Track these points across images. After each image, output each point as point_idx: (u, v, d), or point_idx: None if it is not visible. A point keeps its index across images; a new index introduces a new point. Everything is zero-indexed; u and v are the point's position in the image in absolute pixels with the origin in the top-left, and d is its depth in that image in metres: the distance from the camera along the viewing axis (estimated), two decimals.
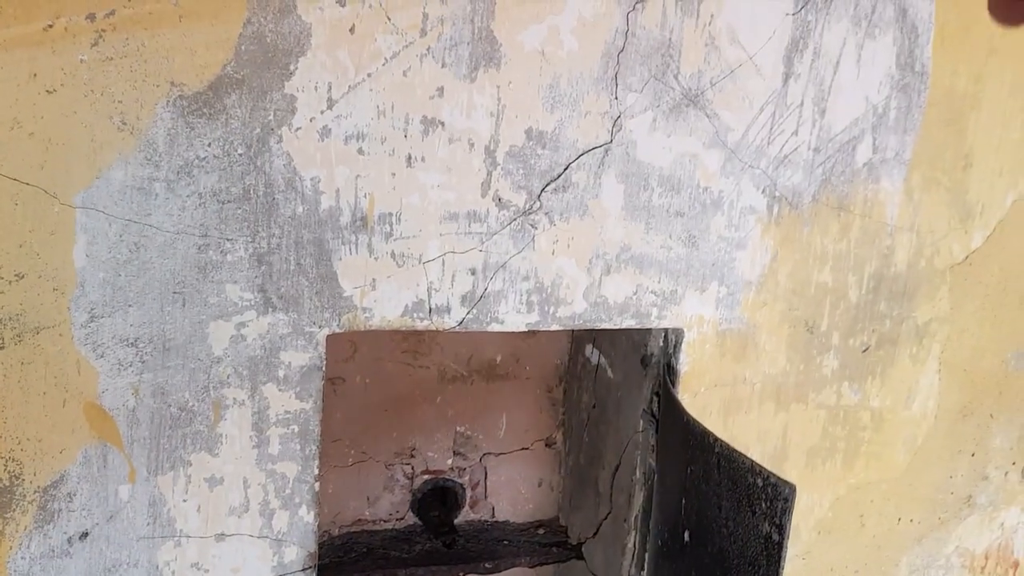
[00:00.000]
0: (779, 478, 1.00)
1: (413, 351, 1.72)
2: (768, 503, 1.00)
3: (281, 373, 1.21)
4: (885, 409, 1.57)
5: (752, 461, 1.05)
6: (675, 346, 1.44)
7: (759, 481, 1.02)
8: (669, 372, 1.44)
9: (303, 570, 1.31)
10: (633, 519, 1.58)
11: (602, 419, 1.69)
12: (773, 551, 0.99)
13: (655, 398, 1.49)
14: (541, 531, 1.86)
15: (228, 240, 1.11)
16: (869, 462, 1.59)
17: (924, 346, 1.54)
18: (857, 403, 1.54)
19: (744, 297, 1.39)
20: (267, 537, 1.27)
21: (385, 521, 1.80)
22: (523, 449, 1.86)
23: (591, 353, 1.74)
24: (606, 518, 1.68)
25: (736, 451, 1.09)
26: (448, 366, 1.75)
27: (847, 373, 1.51)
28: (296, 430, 1.27)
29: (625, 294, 1.32)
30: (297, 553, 1.30)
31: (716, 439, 1.14)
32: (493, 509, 1.86)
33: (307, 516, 1.30)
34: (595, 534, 1.73)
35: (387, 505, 1.78)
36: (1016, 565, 1.89)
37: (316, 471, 1.32)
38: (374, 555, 1.73)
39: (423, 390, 1.75)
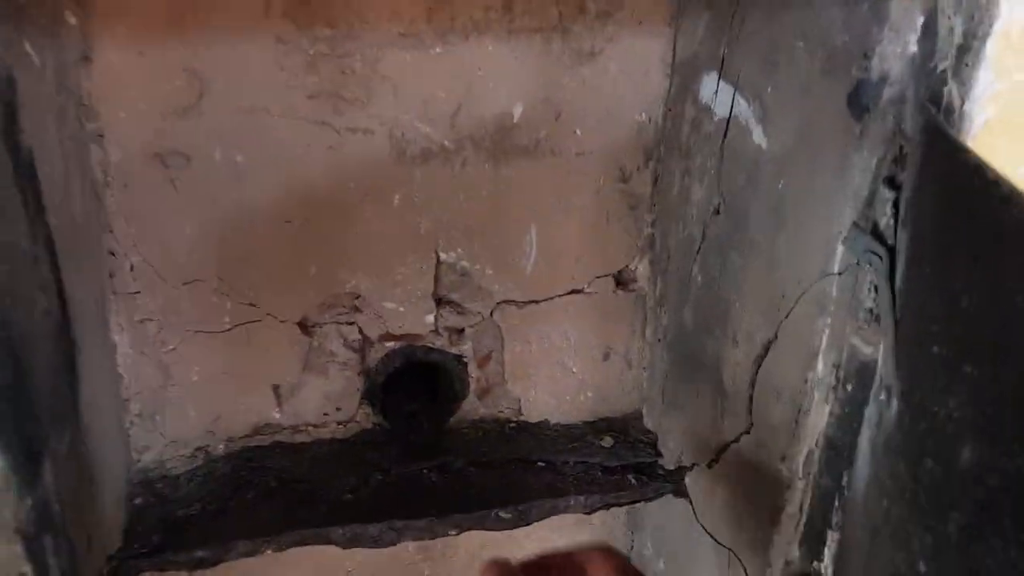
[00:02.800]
0: None
1: (334, 95, 0.88)
2: None
3: None
4: None
5: None
6: (962, 54, 0.58)
7: None
8: (932, 121, 0.58)
9: None
10: (801, 460, 0.78)
11: (735, 239, 0.85)
12: None
13: (888, 188, 0.65)
14: (607, 440, 1.07)
15: None
16: None
17: None
18: None
19: None
20: None
21: (316, 427, 1.03)
22: (572, 293, 1.03)
23: (715, 92, 0.88)
24: (738, 439, 0.89)
25: None
26: (410, 130, 0.92)
27: None
28: None
29: None
30: None
31: None
32: (519, 402, 1.08)
33: None
34: (713, 461, 0.94)
35: (316, 397, 1.01)
36: None
37: None
38: (289, 492, 0.98)
39: (363, 180, 0.93)
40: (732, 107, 0.83)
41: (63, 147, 0.73)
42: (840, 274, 0.69)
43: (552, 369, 1.04)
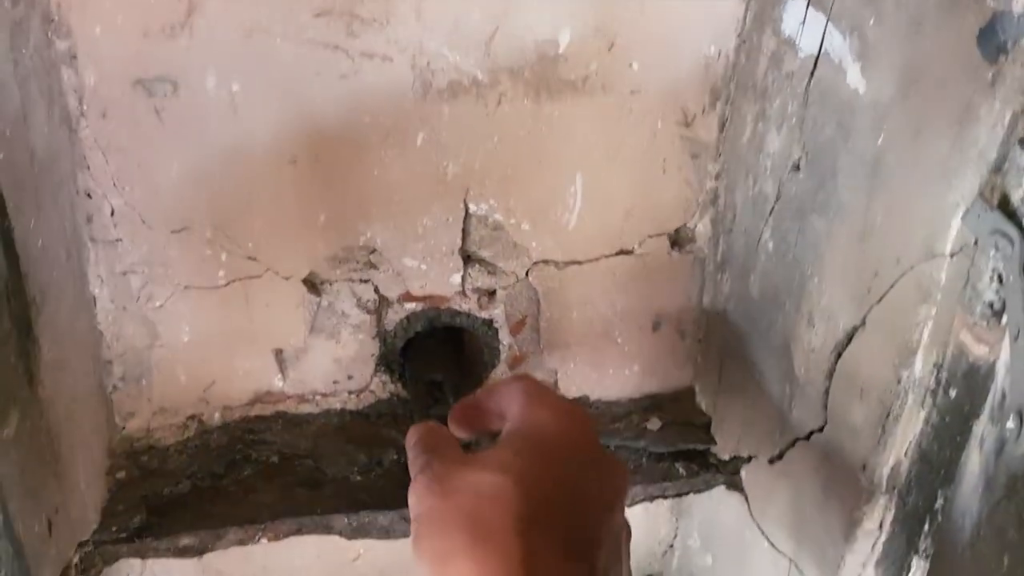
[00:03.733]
0: None
1: (347, 13, 0.76)
2: None
3: None
4: None
5: None
6: None
7: None
8: None
9: None
10: (885, 471, 0.67)
11: (819, 200, 0.73)
12: None
13: (1021, 157, 0.52)
14: (655, 422, 0.97)
15: None
16: None
17: None
18: None
19: None
20: None
21: (325, 396, 0.93)
22: (620, 253, 0.92)
23: (802, 21, 0.76)
24: (809, 437, 0.78)
25: None
26: (436, 58, 0.81)
27: None
28: None
29: None
30: None
31: None
32: (556, 375, 0.97)
33: None
34: (776, 457, 0.84)
35: (325, 363, 0.91)
36: None
37: None
38: (290, 471, 0.89)
39: (381, 115, 0.81)
40: (823, 41, 0.70)
41: (20, 68, 0.63)
42: (952, 256, 0.57)
43: (594, 339, 0.94)
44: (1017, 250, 0.50)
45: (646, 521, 1.07)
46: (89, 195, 0.76)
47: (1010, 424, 0.48)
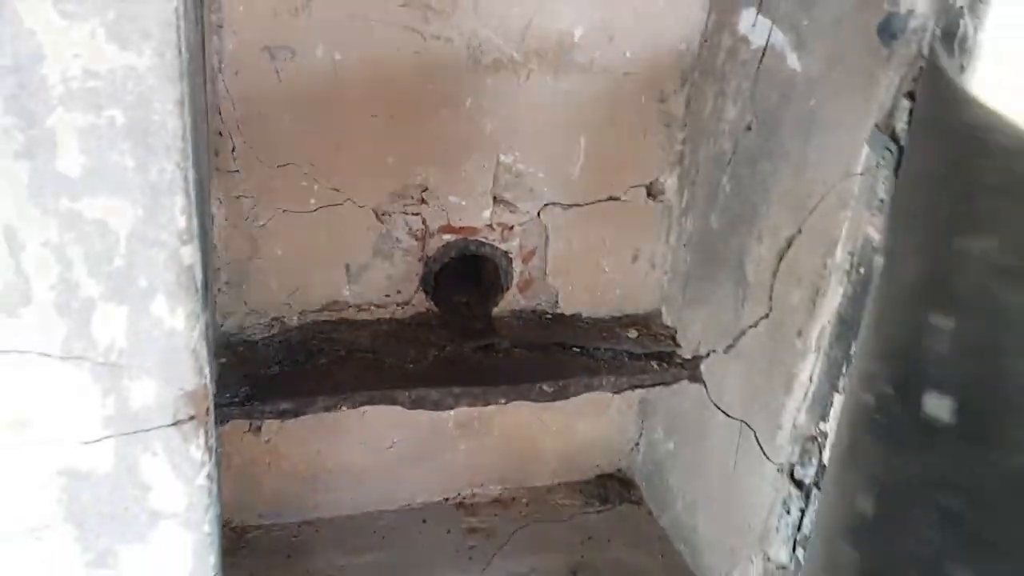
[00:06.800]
0: None
1: (423, 5, 1.02)
2: None
3: None
4: None
5: None
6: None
7: None
8: (947, 45, 0.75)
9: (175, 423, 0.71)
10: (815, 335, 0.95)
11: (766, 149, 1.01)
12: None
13: (907, 99, 0.81)
14: (632, 333, 1.24)
15: None
16: None
17: None
18: None
19: None
20: (79, 359, 0.66)
21: (378, 306, 1.18)
22: (611, 200, 1.20)
23: (753, 24, 1.04)
24: (757, 324, 1.06)
25: None
26: (485, 42, 1.06)
27: None
28: (130, 122, 0.63)
29: None
30: (157, 391, 0.69)
31: None
32: (557, 296, 1.24)
33: (173, 316, 0.68)
34: (730, 346, 1.11)
35: (380, 279, 1.15)
36: None
37: (192, 216, 0.68)
38: (357, 361, 1.13)
39: (441, 83, 1.06)
40: (769, 37, 0.99)
41: (196, 34, 0.86)
42: (862, 174, 0.86)
43: (588, 268, 1.20)
44: (894, 156, 0.78)
45: (617, 422, 1.34)
46: (220, 134, 1.00)
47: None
